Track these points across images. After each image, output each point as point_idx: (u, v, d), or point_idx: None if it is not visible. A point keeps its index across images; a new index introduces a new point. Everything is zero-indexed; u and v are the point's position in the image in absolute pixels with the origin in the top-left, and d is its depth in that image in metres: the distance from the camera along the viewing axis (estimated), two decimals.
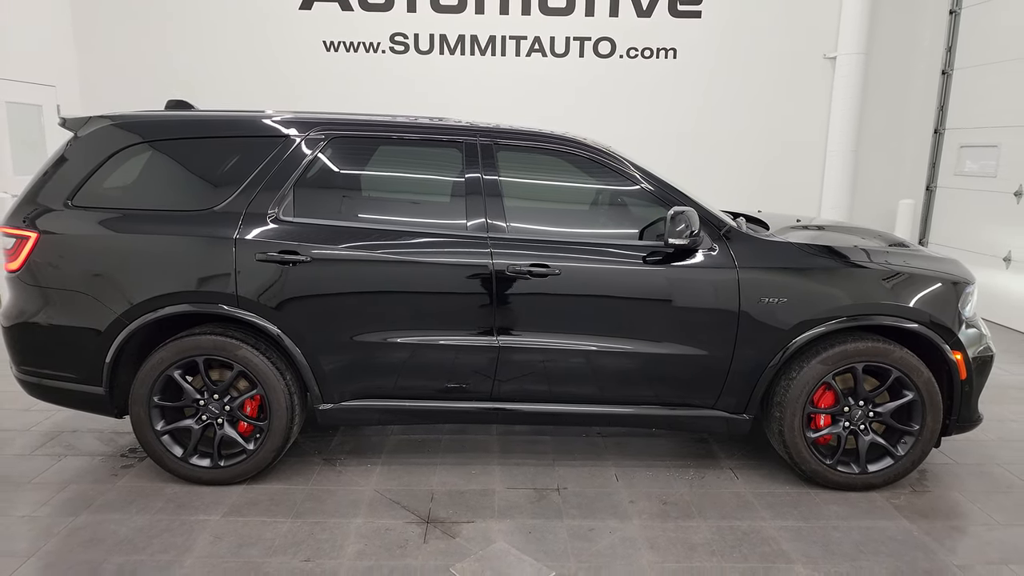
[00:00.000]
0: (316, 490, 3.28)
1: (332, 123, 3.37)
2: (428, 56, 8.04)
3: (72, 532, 2.88)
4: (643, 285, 3.24)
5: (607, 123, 7.81)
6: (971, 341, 3.32)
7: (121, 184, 3.31)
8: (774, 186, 8.17)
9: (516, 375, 3.30)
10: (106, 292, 3.15)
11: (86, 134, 3.30)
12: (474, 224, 3.26)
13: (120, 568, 2.64)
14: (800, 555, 2.82)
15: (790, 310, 3.20)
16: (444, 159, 3.48)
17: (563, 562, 2.74)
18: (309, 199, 3.30)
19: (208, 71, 7.95)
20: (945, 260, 3.53)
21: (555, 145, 3.41)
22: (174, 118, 3.40)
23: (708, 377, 3.30)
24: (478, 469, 3.53)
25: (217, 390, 3.23)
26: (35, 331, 3.23)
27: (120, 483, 3.31)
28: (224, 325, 3.26)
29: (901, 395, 3.28)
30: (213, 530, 2.92)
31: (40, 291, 3.20)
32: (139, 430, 3.22)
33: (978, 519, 3.16)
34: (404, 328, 3.24)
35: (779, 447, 3.38)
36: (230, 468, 3.26)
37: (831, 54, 7.92)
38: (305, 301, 3.18)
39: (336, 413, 3.33)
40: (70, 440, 3.80)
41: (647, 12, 7.96)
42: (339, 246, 3.19)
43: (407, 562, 2.72)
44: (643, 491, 3.34)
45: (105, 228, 3.17)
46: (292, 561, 2.71)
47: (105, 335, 3.15)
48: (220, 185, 3.25)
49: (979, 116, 7.29)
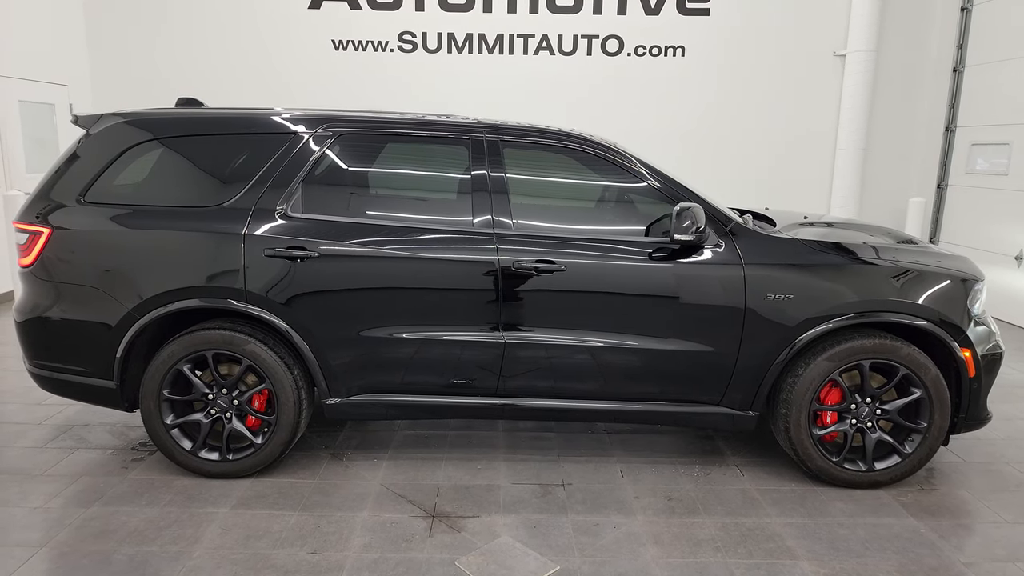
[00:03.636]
0: (323, 484, 3.31)
1: (340, 120, 3.39)
2: (436, 55, 8.06)
3: (84, 523, 2.92)
4: (649, 281, 3.25)
5: (615, 121, 7.80)
6: (980, 338, 3.30)
7: (132, 180, 3.35)
8: (783, 184, 8.14)
9: (522, 371, 3.32)
10: (117, 287, 3.19)
11: (98, 131, 3.34)
12: (480, 220, 3.28)
13: (131, 559, 2.68)
14: (806, 552, 2.82)
15: (796, 306, 3.19)
16: (451, 156, 3.49)
17: (567, 556, 2.75)
18: (317, 195, 3.32)
19: (218, 70, 8.01)
20: (954, 257, 3.51)
21: (561, 141, 3.41)
22: (184, 115, 3.44)
23: (714, 373, 3.30)
24: (483, 464, 3.55)
25: (226, 384, 3.27)
26: (48, 326, 3.28)
27: (131, 476, 3.35)
28: (233, 320, 3.30)
29: (909, 392, 3.26)
30: (221, 522, 2.95)
31: (53, 286, 3.24)
32: (149, 424, 3.26)
33: (986, 517, 3.14)
34: (410, 324, 3.26)
35: (785, 444, 3.38)
36: (238, 461, 3.29)
37: (841, 51, 7.88)
38: (313, 296, 3.21)
39: (343, 408, 3.35)
40: (82, 433, 3.84)
41: (655, 10, 7.94)
42: (346, 242, 3.21)
43: (412, 555, 2.74)
44: (648, 487, 3.35)
45: (116, 224, 3.21)
46: (299, 553, 2.74)
47: (116, 330, 3.19)
48: (229, 181, 3.29)
49: (991, 113, 7.23)
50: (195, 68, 8.00)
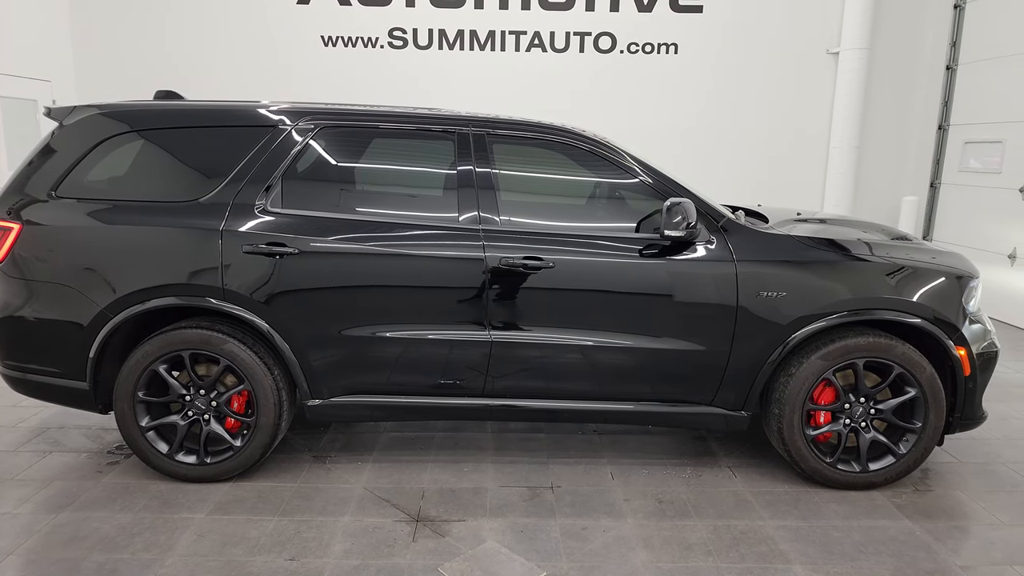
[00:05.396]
0: (304, 488, 3.22)
1: (322, 113, 3.30)
2: (427, 51, 7.97)
3: (54, 529, 2.82)
4: (639, 278, 3.17)
5: (608, 119, 7.72)
6: (975, 337, 3.24)
7: (107, 175, 3.25)
8: (776, 182, 8.09)
9: (509, 370, 3.23)
10: (90, 285, 3.08)
11: (71, 123, 3.23)
12: (466, 216, 3.19)
13: (100, 566, 2.58)
14: (799, 555, 2.75)
15: (789, 304, 3.12)
16: (436, 150, 3.41)
17: (555, 561, 2.67)
18: (298, 190, 3.23)
19: (206, 66, 7.90)
20: (949, 254, 3.45)
21: (550, 136, 3.33)
22: (161, 107, 3.34)
23: (705, 373, 3.22)
24: (470, 467, 3.46)
25: (203, 385, 3.17)
26: (19, 325, 3.17)
27: (105, 480, 3.25)
28: (211, 319, 3.20)
29: (903, 392, 3.20)
30: (197, 528, 2.85)
31: (24, 284, 3.13)
32: (124, 426, 3.16)
33: (982, 519, 3.08)
34: (394, 322, 3.17)
35: (778, 445, 3.31)
36: (216, 465, 3.19)
37: (834, 49, 7.83)
38: (293, 294, 3.11)
39: (325, 409, 3.26)
40: (56, 436, 3.73)
41: (648, 7, 7.88)
42: (328, 238, 3.12)
43: (395, 561, 2.65)
44: (639, 489, 3.27)
45: (89, 219, 3.11)
46: (276, 560, 2.64)
47: (88, 329, 3.08)
48: (208, 176, 3.19)
49: (984, 112, 7.19)
50: (182, 64, 7.87)
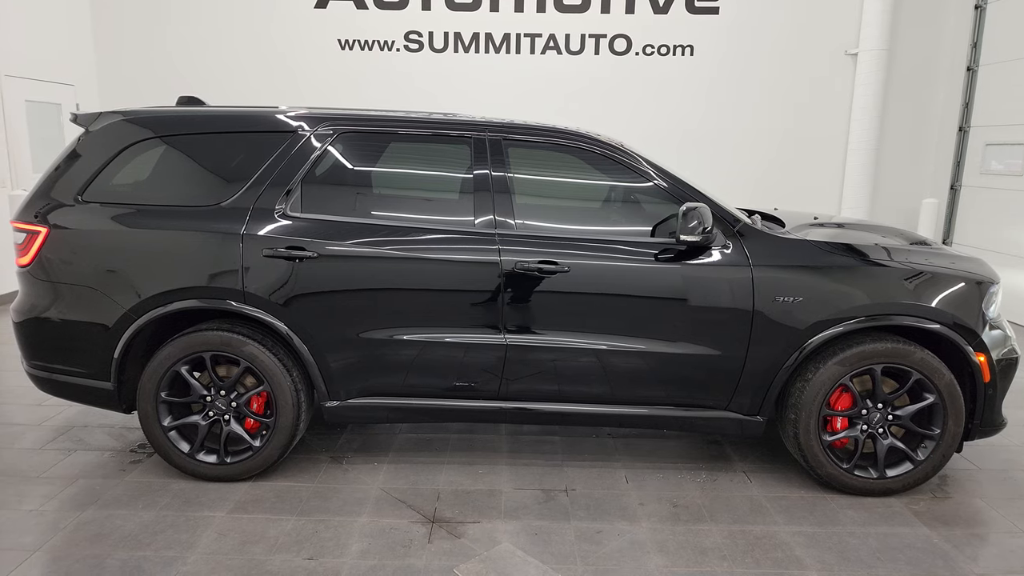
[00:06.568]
0: (322, 488, 3.26)
1: (340, 118, 3.34)
2: (442, 54, 8.01)
3: (79, 527, 2.88)
4: (654, 283, 3.18)
5: (623, 121, 7.71)
6: (995, 343, 3.21)
7: (131, 179, 3.31)
8: (793, 185, 8.03)
9: (524, 374, 3.25)
10: (114, 287, 3.15)
11: (97, 129, 3.30)
12: (482, 220, 3.22)
13: (124, 564, 2.63)
14: (815, 561, 2.74)
15: (806, 309, 3.11)
16: (453, 155, 3.44)
17: (569, 564, 2.69)
18: (317, 195, 3.28)
19: (225, 70, 8.01)
20: (969, 259, 3.42)
21: (566, 140, 3.35)
22: (184, 113, 3.40)
23: (721, 377, 3.22)
24: (485, 469, 3.49)
25: (224, 386, 3.22)
26: (45, 326, 3.24)
27: (128, 478, 3.32)
28: (231, 321, 3.25)
29: (921, 398, 3.17)
30: (218, 527, 2.90)
31: (51, 286, 3.21)
32: (146, 426, 3.22)
33: (1001, 526, 3.05)
34: (411, 325, 3.20)
35: (794, 450, 3.30)
36: (236, 465, 3.25)
37: (852, 50, 7.76)
38: (312, 297, 3.16)
39: (342, 411, 3.30)
40: (80, 435, 3.81)
41: (664, 9, 7.87)
42: (346, 242, 3.16)
43: (410, 562, 2.68)
44: (653, 493, 3.27)
45: (114, 223, 3.18)
46: (295, 559, 2.69)
47: (113, 330, 3.15)
48: (229, 181, 3.24)
49: (1005, 113, 7.10)
50: (201, 68, 7.99)
